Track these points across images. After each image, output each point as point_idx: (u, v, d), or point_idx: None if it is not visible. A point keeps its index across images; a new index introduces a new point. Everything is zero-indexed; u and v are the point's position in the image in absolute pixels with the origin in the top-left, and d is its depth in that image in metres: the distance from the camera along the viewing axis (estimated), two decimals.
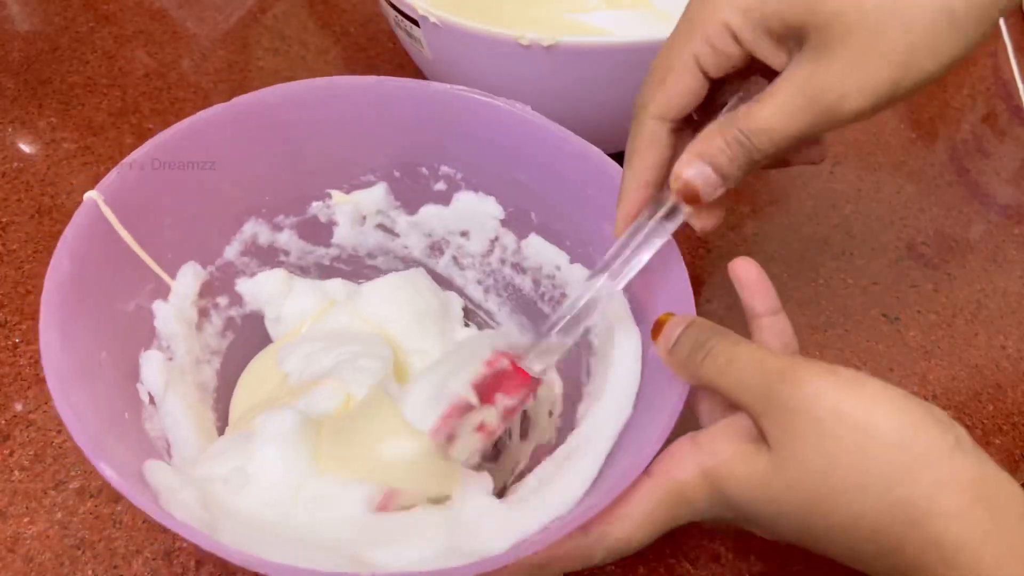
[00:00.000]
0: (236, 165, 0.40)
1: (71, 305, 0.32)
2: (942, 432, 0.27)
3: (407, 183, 0.43)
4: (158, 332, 0.37)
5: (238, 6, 0.67)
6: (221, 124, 0.38)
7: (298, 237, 0.43)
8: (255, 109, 0.39)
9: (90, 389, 0.31)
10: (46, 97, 0.58)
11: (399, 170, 0.43)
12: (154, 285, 0.38)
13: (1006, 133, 0.63)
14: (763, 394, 0.28)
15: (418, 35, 0.47)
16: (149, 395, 0.35)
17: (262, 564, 0.27)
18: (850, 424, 0.27)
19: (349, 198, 0.43)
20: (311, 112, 0.40)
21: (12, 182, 0.52)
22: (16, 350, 0.44)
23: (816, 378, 0.28)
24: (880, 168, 0.59)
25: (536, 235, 0.42)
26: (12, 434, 0.41)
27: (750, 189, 0.56)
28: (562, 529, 0.29)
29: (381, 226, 0.45)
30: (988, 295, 0.51)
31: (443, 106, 0.41)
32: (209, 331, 0.41)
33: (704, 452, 0.30)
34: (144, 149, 0.36)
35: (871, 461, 0.26)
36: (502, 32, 0.44)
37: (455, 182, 0.43)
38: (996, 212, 0.57)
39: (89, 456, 0.27)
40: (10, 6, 0.65)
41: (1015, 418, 0.46)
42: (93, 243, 0.34)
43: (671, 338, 0.32)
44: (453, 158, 0.42)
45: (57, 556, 0.37)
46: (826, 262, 0.52)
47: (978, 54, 0.69)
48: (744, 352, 0.30)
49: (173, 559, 0.37)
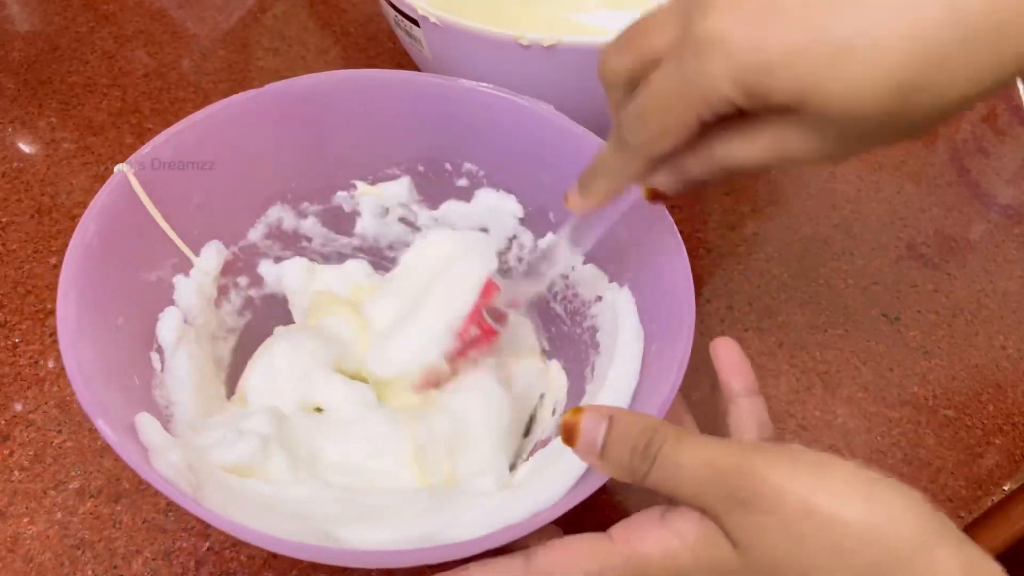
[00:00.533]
0: (265, 150, 0.41)
1: (93, 267, 0.33)
2: (921, 523, 0.25)
3: (431, 178, 0.44)
4: (177, 304, 0.38)
5: (238, 6, 0.67)
6: (252, 110, 0.39)
7: (322, 225, 0.44)
8: (286, 97, 0.40)
9: (100, 349, 0.32)
10: (46, 97, 0.58)
11: (424, 165, 0.44)
12: (177, 260, 0.38)
13: (1006, 133, 0.63)
14: (723, 496, 0.26)
15: (418, 35, 0.47)
16: (161, 362, 0.36)
17: (238, 529, 0.27)
18: (821, 520, 0.25)
19: (373, 189, 0.44)
20: (340, 102, 0.41)
21: (12, 182, 0.52)
22: (16, 350, 0.44)
23: (776, 471, 0.26)
24: (880, 168, 0.59)
25: (553, 235, 0.43)
26: (12, 434, 0.41)
27: (750, 189, 0.56)
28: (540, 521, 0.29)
29: (403, 219, 0.45)
30: (988, 295, 0.51)
31: (470, 104, 0.41)
32: (227, 309, 0.41)
33: (672, 533, 0.28)
34: (176, 128, 0.37)
35: (849, 559, 0.25)
36: (502, 32, 0.44)
37: (478, 179, 0.44)
38: (996, 212, 0.57)
39: (84, 407, 0.28)
40: (10, 6, 0.65)
41: (1015, 418, 0.46)
42: (120, 213, 0.35)
43: (595, 443, 0.29)
44: (477, 155, 0.43)
45: (57, 556, 0.37)
46: (826, 262, 0.52)
47: None
48: (692, 453, 0.27)
49: (173, 559, 0.37)
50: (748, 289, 0.50)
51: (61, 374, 0.43)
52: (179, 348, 0.37)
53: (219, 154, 0.39)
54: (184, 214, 0.38)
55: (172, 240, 0.38)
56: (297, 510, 0.33)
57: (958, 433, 0.45)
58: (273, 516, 0.32)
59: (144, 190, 0.36)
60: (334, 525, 0.32)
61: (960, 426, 0.45)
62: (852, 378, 0.46)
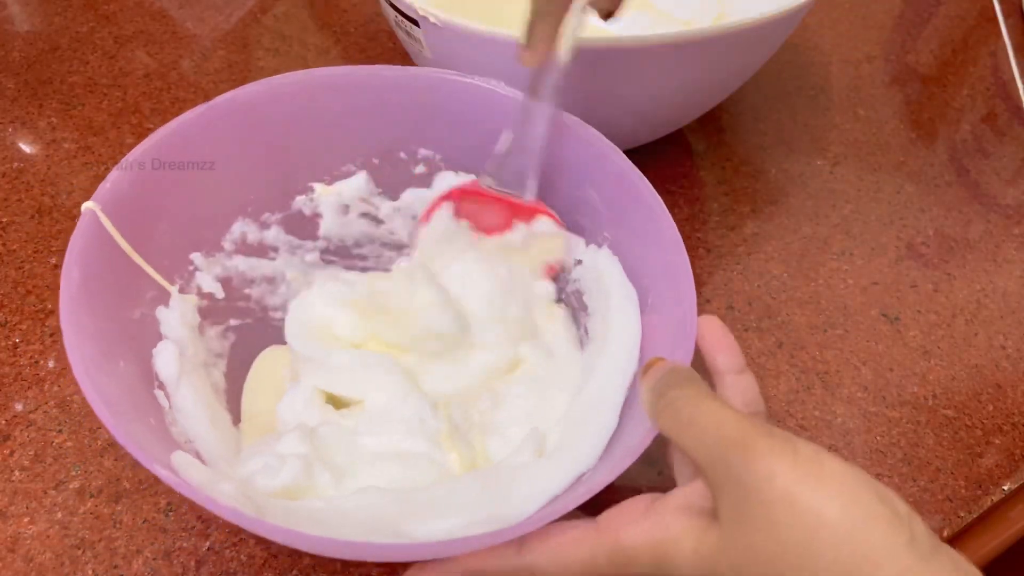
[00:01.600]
0: (221, 164, 0.40)
1: (86, 315, 0.32)
2: (895, 528, 0.25)
3: (387, 169, 0.44)
4: (168, 338, 0.37)
5: (238, 6, 0.67)
6: (204, 125, 0.39)
7: (285, 232, 0.44)
8: (234, 108, 0.39)
9: (118, 395, 0.31)
10: (46, 97, 0.58)
11: (378, 157, 0.44)
12: (155, 292, 0.38)
13: (1006, 133, 0.63)
14: (719, 463, 0.27)
15: (418, 35, 0.47)
16: (167, 398, 0.36)
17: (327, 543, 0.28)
18: (800, 512, 0.25)
19: (331, 189, 0.44)
20: (288, 107, 0.41)
21: (12, 182, 0.52)
22: (16, 350, 0.44)
23: (772, 455, 0.26)
24: (880, 168, 0.59)
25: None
26: (12, 434, 0.41)
27: (750, 189, 0.56)
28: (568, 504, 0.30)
29: (365, 214, 0.45)
30: (988, 295, 0.51)
31: (417, 89, 0.41)
32: (211, 334, 0.41)
33: (656, 524, 0.29)
34: (133, 155, 0.36)
35: (819, 555, 0.25)
36: (502, 32, 0.44)
37: (435, 163, 0.44)
38: (996, 212, 0.57)
39: (145, 464, 0.28)
40: (10, 6, 0.65)
41: (1015, 418, 0.46)
42: (97, 255, 0.34)
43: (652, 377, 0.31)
44: (431, 140, 0.43)
45: (57, 556, 0.37)
46: (826, 262, 0.52)
47: (978, 54, 0.69)
48: (706, 412, 0.28)
49: (173, 559, 0.37)
50: (748, 289, 0.50)
51: (61, 374, 0.43)
52: (181, 382, 0.36)
53: (177, 175, 0.38)
54: (154, 243, 0.37)
55: (147, 272, 0.37)
56: (358, 517, 0.33)
57: (958, 433, 0.45)
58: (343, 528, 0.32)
59: (113, 225, 0.35)
60: (399, 524, 0.32)
61: (960, 426, 0.45)
62: (852, 378, 0.46)
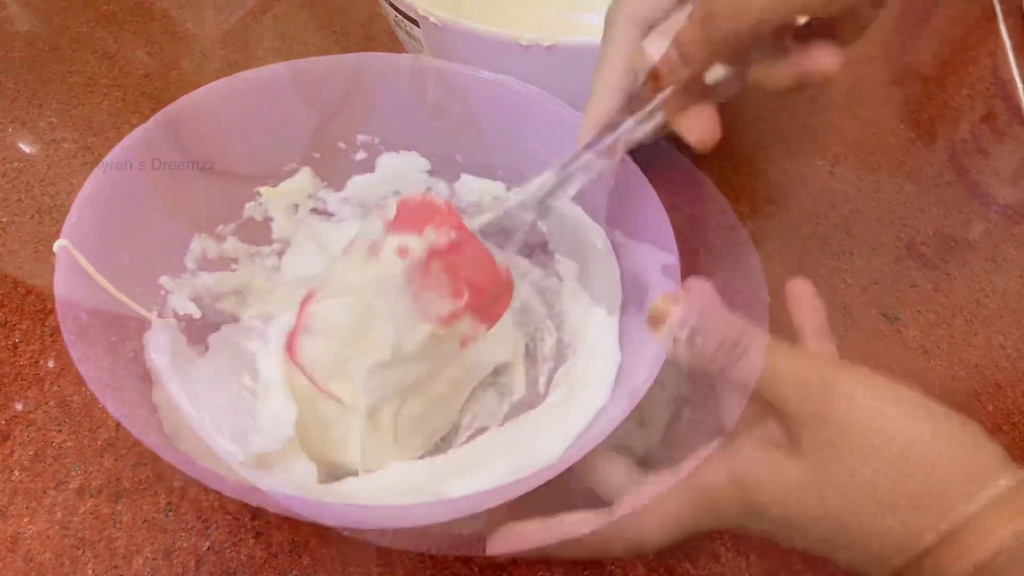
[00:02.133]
0: (166, 184, 0.39)
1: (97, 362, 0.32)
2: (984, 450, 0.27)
3: (328, 161, 0.44)
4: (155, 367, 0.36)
5: (238, 6, 0.67)
6: (148, 145, 0.38)
7: (240, 241, 0.44)
8: (171, 124, 0.39)
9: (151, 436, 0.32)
10: (46, 97, 0.58)
11: (317, 151, 0.44)
12: (136, 323, 0.37)
13: (1006, 133, 0.63)
14: (804, 407, 0.28)
15: (418, 35, 0.47)
16: None
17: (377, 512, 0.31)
18: (889, 437, 0.26)
19: (277, 190, 0.44)
20: (220, 116, 0.41)
21: (12, 182, 0.52)
22: (16, 350, 0.44)
23: (854, 386, 0.27)
24: (880, 168, 0.59)
25: (467, 175, 0.43)
26: (12, 434, 0.41)
27: (749, 189, 0.56)
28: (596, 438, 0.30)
29: (315, 209, 0.45)
30: (988, 295, 0.51)
31: (343, 76, 0.41)
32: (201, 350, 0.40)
33: (735, 459, 0.29)
34: (85, 191, 0.36)
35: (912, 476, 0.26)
36: (502, 32, 0.44)
37: (375, 147, 0.44)
38: (996, 212, 0.57)
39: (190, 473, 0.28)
40: (10, 6, 0.65)
41: (1015, 418, 0.46)
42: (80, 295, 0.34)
43: (682, 331, 0.31)
44: (367, 125, 0.43)
45: (57, 556, 0.37)
46: (826, 262, 0.52)
47: (978, 54, 0.69)
48: (781, 359, 0.29)
49: (173, 558, 0.37)
50: (748, 289, 0.50)
51: (61, 374, 0.43)
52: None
53: (131, 203, 0.38)
54: (124, 273, 0.37)
55: (124, 303, 0.36)
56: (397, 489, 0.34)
57: None
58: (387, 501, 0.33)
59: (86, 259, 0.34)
60: (438, 487, 0.33)
61: None
62: None
